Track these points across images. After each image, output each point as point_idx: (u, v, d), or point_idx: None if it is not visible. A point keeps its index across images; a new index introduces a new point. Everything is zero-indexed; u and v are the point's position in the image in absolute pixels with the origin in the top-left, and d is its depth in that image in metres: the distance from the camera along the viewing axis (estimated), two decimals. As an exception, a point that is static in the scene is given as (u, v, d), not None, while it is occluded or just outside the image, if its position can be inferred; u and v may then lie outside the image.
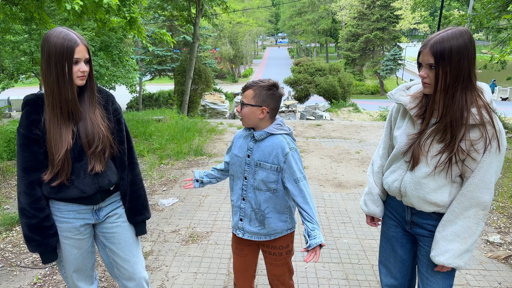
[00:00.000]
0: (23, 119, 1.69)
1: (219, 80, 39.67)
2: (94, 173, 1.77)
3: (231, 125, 8.78)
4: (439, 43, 1.51)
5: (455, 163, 1.59)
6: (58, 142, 1.67)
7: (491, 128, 1.53)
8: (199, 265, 3.12)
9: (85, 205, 1.82)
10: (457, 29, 1.53)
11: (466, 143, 1.55)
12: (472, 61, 1.53)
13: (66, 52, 1.60)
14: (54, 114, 1.67)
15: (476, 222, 1.61)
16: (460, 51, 1.49)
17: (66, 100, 1.67)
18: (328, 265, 3.14)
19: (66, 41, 1.61)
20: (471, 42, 1.52)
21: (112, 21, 6.80)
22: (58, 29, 1.64)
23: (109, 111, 1.86)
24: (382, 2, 35.72)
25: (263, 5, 56.64)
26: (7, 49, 12.58)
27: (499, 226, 3.81)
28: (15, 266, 3.08)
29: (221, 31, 37.50)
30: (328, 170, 5.53)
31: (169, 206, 4.28)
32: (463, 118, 1.52)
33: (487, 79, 31.98)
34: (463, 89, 1.53)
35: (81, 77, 1.68)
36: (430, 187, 1.65)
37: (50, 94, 1.65)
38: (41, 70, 1.66)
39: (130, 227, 1.98)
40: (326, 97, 20.78)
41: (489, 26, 13.03)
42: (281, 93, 1.90)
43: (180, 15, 15.78)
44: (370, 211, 1.96)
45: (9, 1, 6.28)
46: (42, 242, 1.75)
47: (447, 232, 1.64)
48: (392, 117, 1.87)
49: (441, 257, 1.63)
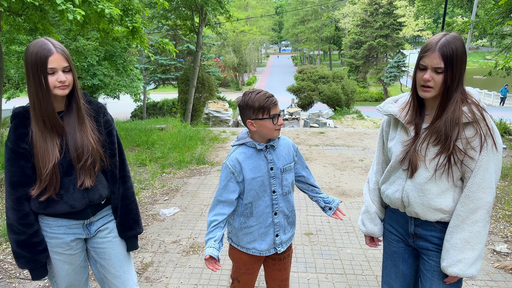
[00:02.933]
0: (11, 132, 1.66)
1: (223, 88, 39.77)
2: (84, 188, 1.73)
3: (234, 133, 8.76)
4: (447, 45, 1.49)
5: (454, 163, 1.56)
6: (45, 156, 1.63)
7: (484, 125, 1.52)
8: (199, 277, 3.08)
9: (75, 220, 1.77)
10: (452, 34, 1.54)
11: (462, 141, 1.53)
12: (465, 64, 1.56)
13: (40, 62, 1.56)
14: (38, 127, 1.63)
15: (484, 225, 1.56)
16: (462, 53, 1.51)
17: (47, 113, 1.63)
18: (331, 276, 3.08)
19: (40, 52, 1.56)
20: (464, 45, 1.55)
21: (115, 30, 6.84)
22: (36, 40, 1.59)
23: (100, 123, 1.81)
24: (385, 9, 35.84)
25: (266, 13, 56.98)
26: (13, 59, 12.70)
27: (506, 235, 3.74)
28: (14, 278, 3.04)
29: (225, 40, 37.74)
30: (331, 178, 5.48)
31: (170, 216, 4.25)
32: (455, 117, 1.52)
33: (491, 86, 31.83)
34: (457, 91, 1.54)
35: (60, 87, 1.62)
36: (433, 192, 1.61)
37: (32, 106, 1.63)
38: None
39: (121, 243, 1.93)
40: (330, 104, 20.76)
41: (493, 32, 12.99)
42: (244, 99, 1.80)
43: (184, 24, 15.88)
44: (369, 231, 1.92)
45: (13, 12, 6.33)
46: (31, 259, 1.71)
47: (456, 239, 1.57)
48: (383, 131, 1.85)
49: (455, 268, 1.57)
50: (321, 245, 3.58)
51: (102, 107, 1.85)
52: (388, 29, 35.70)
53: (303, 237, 3.74)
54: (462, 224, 1.57)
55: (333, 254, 3.42)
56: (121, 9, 6.38)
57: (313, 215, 4.24)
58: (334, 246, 3.57)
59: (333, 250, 3.49)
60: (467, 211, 1.56)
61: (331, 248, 3.53)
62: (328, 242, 3.64)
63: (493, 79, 23.33)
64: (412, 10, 36.78)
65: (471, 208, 1.55)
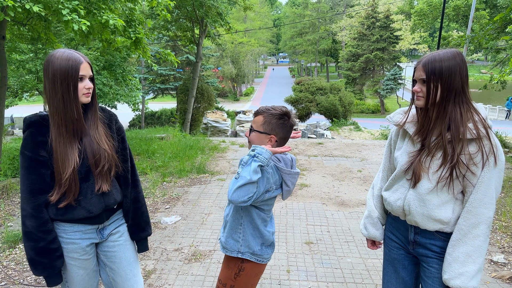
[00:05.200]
0: (28, 141, 1.68)
1: (221, 98, 39.96)
2: (100, 192, 1.79)
3: (233, 143, 8.83)
4: (431, 61, 1.63)
5: (456, 177, 1.63)
6: (64, 161, 1.67)
7: (487, 142, 1.59)
8: (202, 284, 3.11)
9: (90, 224, 1.82)
10: (450, 50, 1.64)
11: (465, 157, 1.60)
12: (464, 78, 1.63)
13: (71, 69, 1.63)
14: (60, 133, 1.68)
15: (484, 239, 1.63)
16: (451, 68, 1.60)
17: (72, 119, 1.68)
18: (332, 284, 3.13)
19: (71, 60, 1.64)
20: (463, 61, 1.63)
21: (117, 41, 6.94)
22: (60, 50, 1.67)
23: (112, 130, 1.88)
24: (382, 23, 36.29)
25: (264, 26, 57.55)
26: (12, 68, 12.76)
27: (503, 246, 3.80)
28: (18, 284, 3.07)
29: (224, 51, 38.01)
30: (330, 189, 5.54)
31: (172, 224, 4.28)
32: (460, 133, 1.59)
33: (487, 100, 32.16)
34: (456, 103, 1.62)
35: (86, 94, 1.70)
36: (433, 203, 1.68)
37: (56, 113, 1.67)
38: (45, 90, 1.67)
39: (131, 246, 1.99)
40: (327, 115, 20.91)
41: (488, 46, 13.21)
42: (292, 123, 1.86)
43: (184, 35, 16.04)
44: (370, 235, 1.99)
45: (18, 21, 6.42)
46: (49, 265, 1.73)
47: (458, 253, 1.63)
48: (392, 141, 1.94)
49: (457, 281, 1.62)
50: (321, 254, 3.62)
51: (114, 114, 1.94)
52: (384, 42, 36.10)
53: (304, 246, 3.78)
54: (464, 238, 1.63)
55: (333, 263, 3.46)
56: (125, 20, 6.49)
57: (313, 225, 4.29)
58: (334, 255, 3.62)
59: (333, 259, 3.53)
60: (469, 226, 1.62)
61: (332, 257, 3.58)
62: (328, 251, 3.69)
63: (488, 92, 23.59)
64: (408, 24, 37.37)
65: (473, 223, 1.62)
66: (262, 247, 1.92)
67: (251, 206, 1.83)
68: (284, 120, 1.83)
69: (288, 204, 4.91)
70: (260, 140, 1.85)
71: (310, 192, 5.41)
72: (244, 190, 1.66)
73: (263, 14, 59.86)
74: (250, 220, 1.87)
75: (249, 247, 1.88)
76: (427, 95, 1.64)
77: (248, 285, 1.94)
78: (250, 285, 1.95)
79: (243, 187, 1.66)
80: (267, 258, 1.95)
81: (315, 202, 5.02)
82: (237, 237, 1.89)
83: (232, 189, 1.67)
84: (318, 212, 4.67)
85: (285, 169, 1.86)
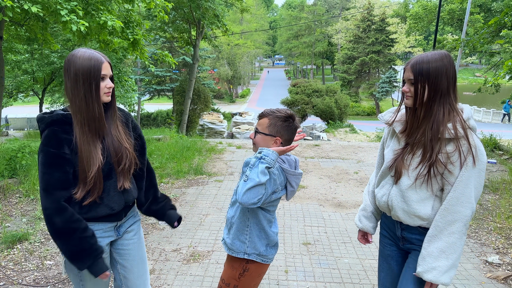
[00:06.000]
0: (51, 138, 1.66)
1: (217, 100, 39.96)
2: (122, 189, 1.82)
3: (230, 144, 8.85)
4: (419, 62, 1.68)
5: (434, 176, 1.68)
6: (89, 159, 1.68)
7: (465, 142, 1.63)
8: (200, 285, 3.13)
9: (110, 222, 1.84)
10: (438, 52, 1.69)
11: (443, 156, 1.65)
12: (451, 80, 1.67)
13: (93, 69, 1.65)
14: (83, 132, 1.68)
15: (460, 237, 1.67)
16: (438, 70, 1.65)
17: (94, 118, 1.69)
18: (329, 284, 3.15)
19: (93, 59, 1.66)
20: (451, 64, 1.68)
21: (114, 42, 6.95)
22: (81, 49, 1.68)
23: (130, 128, 1.92)
24: (377, 26, 36.52)
25: (260, 28, 57.67)
26: (7, 68, 12.72)
27: (498, 247, 3.85)
28: (16, 284, 3.07)
29: (220, 53, 38.04)
30: (327, 190, 5.57)
31: (170, 225, 4.29)
32: (439, 132, 1.65)
33: (481, 103, 32.43)
34: (441, 104, 1.67)
35: (107, 93, 1.72)
36: (413, 199, 1.74)
37: (78, 112, 1.67)
38: (66, 90, 1.69)
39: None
40: (323, 118, 20.97)
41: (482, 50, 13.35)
42: (296, 126, 1.90)
43: (181, 37, 16.07)
44: (364, 226, 2.05)
45: (15, 22, 6.41)
46: (91, 250, 1.70)
47: (433, 248, 1.69)
48: (384, 139, 2.01)
49: (429, 275, 1.68)
50: (319, 255, 3.65)
51: (129, 113, 1.97)
52: (380, 45, 36.32)
53: (301, 247, 3.81)
54: (440, 234, 1.68)
55: (331, 264, 3.49)
56: (123, 21, 6.50)
57: (310, 226, 4.32)
58: (331, 256, 3.65)
59: (331, 260, 3.56)
60: (445, 223, 1.67)
61: (329, 257, 3.61)
62: (326, 252, 3.72)
63: (482, 95, 23.83)
64: (403, 27, 37.58)
65: (449, 220, 1.66)
66: (267, 247, 1.94)
67: (257, 207, 1.85)
68: (289, 122, 1.87)
69: (286, 205, 4.94)
70: (266, 142, 1.88)
71: (307, 193, 5.44)
72: (254, 192, 1.68)
73: (259, 16, 59.99)
74: (256, 222, 1.89)
75: (255, 248, 1.91)
76: (415, 95, 1.70)
77: (251, 285, 1.96)
78: (253, 285, 1.97)
79: (253, 189, 1.68)
80: (271, 258, 1.98)
81: (312, 203, 5.05)
82: (243, 238, 1.90)
83: (242, 192, 1.69)
84: (316, 213, 4.70)
85: (290, 170, 1.89)
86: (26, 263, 3.41)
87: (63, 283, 3.10)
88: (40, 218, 4.39)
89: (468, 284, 3.17)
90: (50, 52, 11.26)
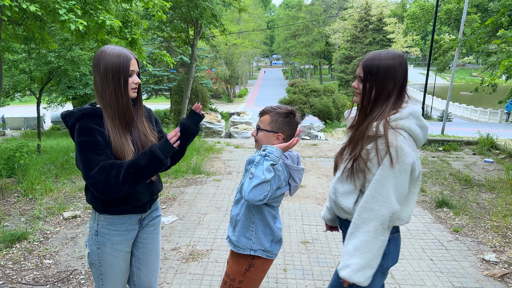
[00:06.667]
0: (85, 129, 1.67)
1: (214, 99, 39.93)
2: (149, 181, 1.85)
3: (228, 144, 8.86)
4: (370, 60, 1.69)
5: (356, 171, 1.71)
6: (123, 150, 1.72)
7: (383, 142, 1.62)
8: (200, 283, 3.14)
9: (136, 214, 1.87)
10: (392, 52, 1.71)
11: (363, 152, 1.68)
12: (398, 82, 1.68)
13: (122, 65, 1.70)
14: (114, 125, 1.73)
15: (375, 236, 1.63)
16: (387, 70, 1.66)
17: (123, 111, 1.74)
18: (328, 282, 3.17)
19: (121, 56, 1.71)
20: (401, 65, 1.68)
21: (112, 42, 6.94)
22: (110, 46, 1.73)
23: (152, 123, 1.97)
24: (375, 26, 36.61)
25: (258, 28, 57.68)
26: (5, 67, 12.65)
27: (494, 245, 3.88)
28: (16, 283, 3.07)
29: (217, 52, 38.02)
30: (325, 189, 5.59)
31: (169, 224, 4.30)
32: (366, 130, 1.69)
33: (479, 102, 32.55)
34: (384, 104, 1.69)
35: (134, 89, 1.77)
36: (339, 191, 1.80)
37: (108, 106, 1.72)
38: (96, 85, 1.73)
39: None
40: (321, 117, 21.01)
41: (479, 50, 13.41)
42: (297, 121, 1.93)
43: (178, 36, 16.06)
44: (323, 217, 2.14)
45: (13, 21, 6.40)
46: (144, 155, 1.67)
47: (349, 245, 1.68)
48: None
49: (343, 271, 1.67)
50: (317, 253, 3.67)
51: (150, 109, 2.03)
52: (377, 45, 36.42)
53: (300, 246, 3.83)
54: (356, 232, 1.67)
55: (329, 262, 3.51)
56: (121, 21, 6.50)
57: (308, 224, 4.34)
58: (330, 254, 3.67)
59: (329, 258, 3.58)
60: (361, 220, 1.66)
61: (327, 256, 3.63)
62: (324, 251, 3.74)
63: (479, 95, 23.95)
64: (401, 27, 37.71)
65: (365, 218, 1.65)
66: (272, 243, 1.97)
67: (263, 204, 1.86)
68: (290, 118, 1.90)
69: (284, 204, 4.96)
70: (268, 138, 1.91)
71: (306, 192, 5.46)
72: (260, 189, 1.71)
73: (256, 16, 59.95)
74: (261, 218, 1.92)
75: (261, 244, 1.93)
76: (363, 93, 1.73)
77: (256, 280, 1.99)
78: (258, 280, 2.00)
79: (259, 186, 1.71)
80: (276, 253, 2.00)
81: (310, 202, 5.07)
82: (249, 235, 1.93)
83: (248, 189, 1.71)
84: (314, 212, 4.72)
85: (293, 165, 1.92)
86: (25, 262, 3.41)
87: (63, 282, 3.11)
88: (38, 217, 4.39)
89: (465, 282, 3.20)
90: (47, 52, 11.23)
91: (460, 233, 4.15)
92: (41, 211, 4.55)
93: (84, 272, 3.27)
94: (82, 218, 4.43)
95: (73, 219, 4.39)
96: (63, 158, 7.00)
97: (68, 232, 4.06)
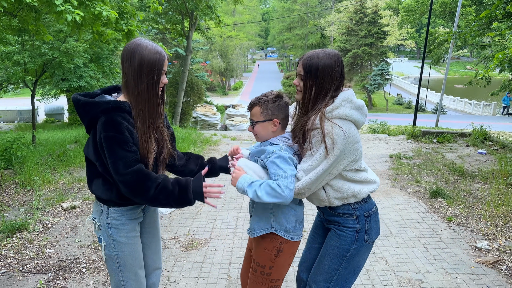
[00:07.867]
0: (115, 124, 1.65)
1: (209, 92, 39.83)
2: None
3: (225, 136, 8.90)
4: (310, 59, 1.79)
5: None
6: (149, 149, 1.74)
7: (318, 132, 1.75)
8: (199, 270, 3.20)
9: (140, 205, 1.90)
10: (329, 51, 1.81)
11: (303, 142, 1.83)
12: (335, 80, 1.80)
13: (158, 63, 1.69)
14: (144, 122, 1.72)
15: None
16: (325, 70, 1.77)
17: (153, 109, 1.74)
18: (325, 270, 3.24)
19: (158, 53, 1.69)
20: (337, 64, 1.80)
21: (108, 33, 6.92)
22: (146, 41, 1.70)
23: (165, 120, 1.99)
24: (370, 18, 36.57)
25: (253, 20, 57.44)
26: (-3, 60, 12.53)
27: (487, 234, 3.97)
28: (18, 272, 3.11)
29: (212, 45, 37.85)
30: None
31: (168, 214, 4.35)
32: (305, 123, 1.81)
33: (472, 95, 32.78)
34: (323, 99, 1.80)
35: (160, 88, 1.77)
36: None
37: (140, 101, 1.71)
38: (127, 78, 1.69)
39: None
40: (316, 110, 21.11)
41: (474, 43, 13.50)
42: (286, 101, 1.96)
43: (173, 28, 15.98)
44: None
45: (8, 12, 6.35)
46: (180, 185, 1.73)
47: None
48: None
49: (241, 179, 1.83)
50: (314, 242, 3.74)
51: None
52: (372, 37, 36.40)
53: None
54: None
55: (326, 250, 3.58)
56: (117, 12, 6.48)
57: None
58: (326, 242, 3.73)
59: (326, 247, 3.65)
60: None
61: (324, 244, 3.70)
62: (321, 239, 3.80)
63: (473, 88, 24.13)
64: (396, 20, 37.71)
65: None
66: (296, 223, 1.94)
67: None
68: (278, 101, 1.92)
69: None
70: (265, 128, 1.92)
71: (302, 183, 5.52)
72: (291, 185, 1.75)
73: (251, 8, 59.70)
74: None
75: (280, 224, 1.91)
76: (304, 91, 1.84)
77: (285, 265, 1.99)
78: (287, 265, 2.00)
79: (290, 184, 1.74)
80: (300, 234, 1.97)
81: (307, 193, 5.13)
82: (268, 214, 1.92)
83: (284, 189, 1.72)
84: (311, 206, 4.78)
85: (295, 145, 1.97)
86: (26, 252, 3.45)
87: (64, 270, 3.15)
88: (38, 208, 4.42)
89: (458, 269, 3.28)
90: (41, 44, 11.14)
91: (454, 222, 4.25)
92: (40, 202, 4.57)
93: (85, 261, 3.32)
94: (81, 209, 4.46)
95: (72, 210, 4.42)
96: (60, 150, 7.00)
97: (67, 222, 4.10)
